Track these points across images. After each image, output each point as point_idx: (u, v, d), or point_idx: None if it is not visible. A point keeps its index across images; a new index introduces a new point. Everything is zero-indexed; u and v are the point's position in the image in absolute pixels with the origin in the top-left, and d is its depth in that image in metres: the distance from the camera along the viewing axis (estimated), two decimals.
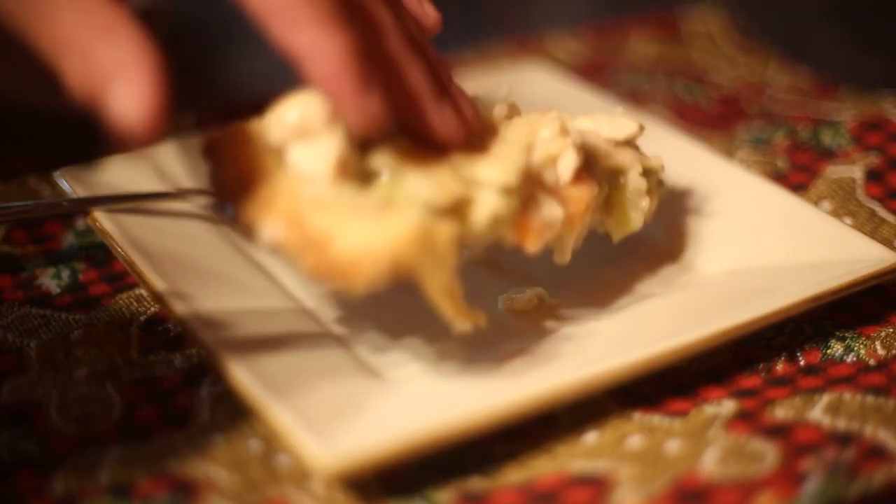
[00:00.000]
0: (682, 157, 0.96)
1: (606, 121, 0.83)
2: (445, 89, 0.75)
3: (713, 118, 1.11)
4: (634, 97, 1.15)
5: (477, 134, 0.78)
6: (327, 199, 0.67)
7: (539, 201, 0.74)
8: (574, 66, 1.23)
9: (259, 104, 0.84)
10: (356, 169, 0.71)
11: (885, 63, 1.26)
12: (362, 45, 0.66)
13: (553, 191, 0.76)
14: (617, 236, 0.83)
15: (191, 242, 0.86)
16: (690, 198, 0.92)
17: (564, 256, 0.79)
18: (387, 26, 0.71)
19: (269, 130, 0.71)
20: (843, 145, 1.00)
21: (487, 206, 0.70)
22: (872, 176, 0.96)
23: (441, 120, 0.72)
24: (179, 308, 0.75)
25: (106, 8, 0.62)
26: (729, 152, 1.03)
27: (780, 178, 0.98)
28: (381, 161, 0.72)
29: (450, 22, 0.84)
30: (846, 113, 1.06)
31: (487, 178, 0.71)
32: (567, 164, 0.76)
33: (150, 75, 0.60)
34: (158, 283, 0.77)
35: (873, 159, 0.98)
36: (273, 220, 0.67)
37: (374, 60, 0.69)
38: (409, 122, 0.71)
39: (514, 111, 0.82)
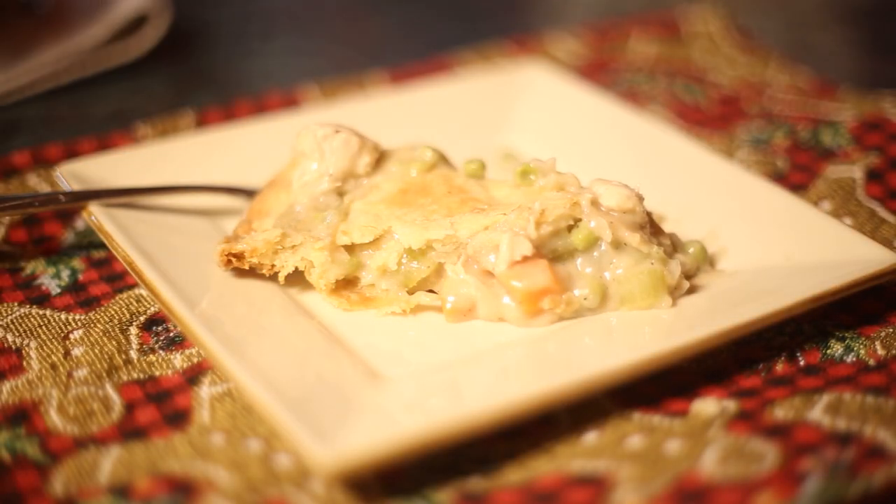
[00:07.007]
0: (682, 157, 0.96)
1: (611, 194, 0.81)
2: None
3: (713, 118, 1.11)
4: (634, 97, 1.15)
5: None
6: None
7: (447, 273, 0.80)
8: (574, 66, 1.23)
9: (259, 103, 0.84)
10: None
11: (885, 63, 1.26)
12: None
13: (488, 274, 0.79)
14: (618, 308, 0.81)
15: (190, 240, 0.86)
16: (690, 199, 0.92)
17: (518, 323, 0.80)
18: None
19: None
20: (843, 145, 1.00)
21: (383, 255, 0.82)
22: (872, 176, 0.96)
23: None
24: (179, 308, 0.75)
25: None
26: (729, 152, 1.03)
27: (780, 178, 0.98)
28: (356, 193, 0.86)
29: (450, 22, 0.85)
30: (846, 113, 1.06)
31: (400, 237, 0.81)
32: (503, 253, 0.79)
33: None
34: (158, 283, 0.77)
35: (873, 159, 0.98)
36: None
37: None
38: None
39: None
